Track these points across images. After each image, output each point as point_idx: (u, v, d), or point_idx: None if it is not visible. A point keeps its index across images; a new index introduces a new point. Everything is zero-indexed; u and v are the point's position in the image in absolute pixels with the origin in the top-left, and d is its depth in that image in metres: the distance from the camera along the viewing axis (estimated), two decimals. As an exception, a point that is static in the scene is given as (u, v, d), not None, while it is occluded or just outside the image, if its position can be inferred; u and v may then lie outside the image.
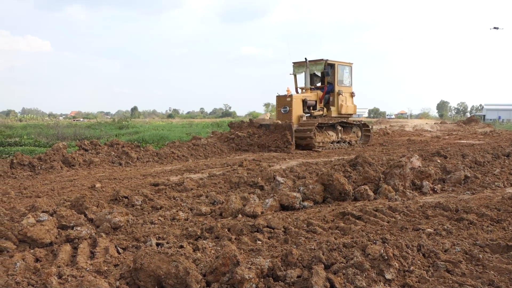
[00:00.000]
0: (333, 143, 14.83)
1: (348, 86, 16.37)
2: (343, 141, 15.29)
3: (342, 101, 15.91)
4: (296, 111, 14.72)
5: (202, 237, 4.32)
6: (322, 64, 15.47)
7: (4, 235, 4.16)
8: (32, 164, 9.67)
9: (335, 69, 15.68)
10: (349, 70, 16.37)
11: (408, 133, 22.19)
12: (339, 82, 15.91)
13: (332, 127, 15.09)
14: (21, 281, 3.09)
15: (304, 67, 15.83)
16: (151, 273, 3.08)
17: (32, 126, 35.98)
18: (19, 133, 27.95)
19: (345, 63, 16.18)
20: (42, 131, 27.37)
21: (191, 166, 9.83)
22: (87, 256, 3.85)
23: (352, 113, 16.63)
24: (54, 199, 6.29)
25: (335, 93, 15.80)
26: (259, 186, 6.52)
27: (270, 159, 10.56)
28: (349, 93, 16.41)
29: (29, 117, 67.86)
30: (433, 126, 27.23)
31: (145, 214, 5.37)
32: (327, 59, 15.42)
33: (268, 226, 4.50)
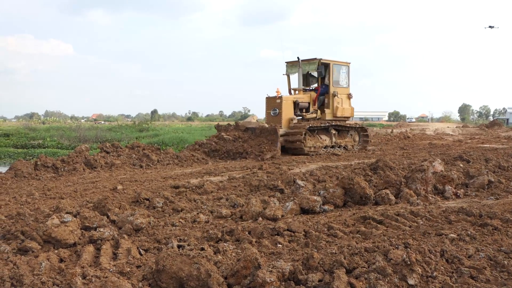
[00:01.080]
0: (327, 148, 13.90)
1: (345, 87, 15.25)
2: (337, 146, 14.35)
3: (337, 103, 14.83)
4: (286, 113, 13.78)
5: (223, 240, 4.34)
6: (315, 63, 14.45)
7: (29, 236, 4.26)
8: (55, 166, 9.85)
9: (330, 69, 14.63)
10: (346, 70, 15.31)
11: (429, 137, 21.89)
12: (335, 83, 14.83)
13: (325, 131, 14.18)
14: (47, 281, 3.15)
15: (297, 67, 14.84)
16: (173, 275, 3.11)
17: (55, 129, 36.65)
18: (42, 135, 28.52)
19: (341, 62, 15.16)
20: (65, 134, 27.87)
21: (211, 169, 9.88)
22: (110, 257, 3.90)
23: (349, 116, 15.51)
24: (77, 201, 6.40)
25: (330, 94, 14.73)
26: (279, 189, 6.52)
27: (289, 162, 10.54)
28: (346, 95, 15.28)
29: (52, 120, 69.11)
30: (455, 130, 26.81)
31: (166, 216, 5.42)
32: (321, 58, 14.40)
33: (288, 229, 4.49)
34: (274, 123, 13.47)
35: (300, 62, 14.68)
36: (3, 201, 6.74)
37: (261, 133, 12.70)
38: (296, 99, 14.20)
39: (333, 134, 14.19)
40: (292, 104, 13.99)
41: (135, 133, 30.77)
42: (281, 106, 13.72)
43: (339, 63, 15.03)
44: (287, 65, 15.31)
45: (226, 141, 12.80)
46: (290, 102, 13.96)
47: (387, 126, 37.89)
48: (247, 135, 13.01)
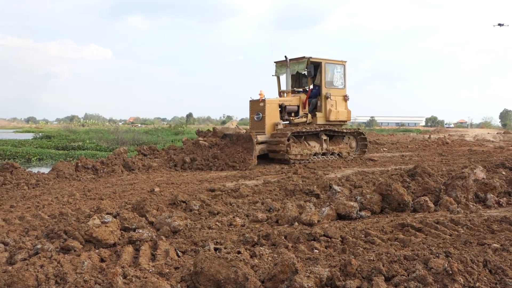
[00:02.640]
0: (317, 155, 12.68)
1: (340, 88, 13.91)
2: (330, 152, 13.06)
3: (331, 106, 13.53)
4: (270, 118, 12.57)
5: (259, 244, 4.34)
6: (304, 62, 13.20)
7: (71, 235, 4.39)
8: (95, 168, 10.13)
9: (322, 68, 13.32)
10: (341, 70, 13.94)
11: (468, 143, 21.29)
12: (327, 83, 13.51)
13: (315, 136, 12.91)
14: (89, 279, 3.24)
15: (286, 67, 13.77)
16: (210, 277, 3.14)
17: (94, 131, 37.66)
18: (82, 137, 29.36)
19: (335, 61, 13.82)
20: (103, 136, 28.58)
21: (246, 173, 9.92)
22: (148, 258, 3.97)
23: (344, 119, 14.11)
24: (116, 202, 6.54)
25: (322, 96, 13.44)
26: (315, 194, 6.49)
27: (325, 167, 10.46)
28: (342, 97, 13.91)
29: (91, 123, 71.04)
30: (496, 136, 25.97)
31: (202, 219, 5.48)
32: (310, 57, 13.11)
33: (325, 235, 4.46)
34: (258, 128, 12.55)
35: (288, 61, 13.66)
36: (46, 200, 6.98)
37: (238, 140, 11.72)
38: (282, 102, 13.13)
39: (323, 140, 12.93)
40: (277, 107, 12.90)
41: (171, 136, 31.27)
42: (264, 110, 12.57)
43: (333, 61, 13.78)
44: (276, 65, 14.23)
45: (202, 148, 11.79)
46: (275, 106, 12.87)
47: (424, 131, 37.12)
48: (224, 142, 12.01)
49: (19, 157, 17.97)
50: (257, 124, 12.66)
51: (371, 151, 15.89)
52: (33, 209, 6.32)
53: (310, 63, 13.04)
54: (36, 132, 45.23)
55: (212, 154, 11.42)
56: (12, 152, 18.89)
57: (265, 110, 12.50)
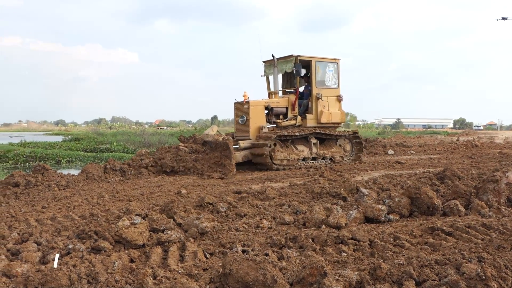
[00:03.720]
0: (306, 160, 12.02)
1: (333, 88, 13.02)
2: (321, 157, 12.40)
3: (322, 107, 12.65)
4: (254, 121, 11.82)
5: (286, 246, 4.34)
6: (291, 61, 12.37)
7: (102, 236, 4.47)
8: (123, 170, 10.29)
9: (312, 67, 12.52)
10: (334, 68, 13.06)
11: (498, 146, 20.80)
12: (319, 83, 12.67)
13: (304, 140, 12.20)
14: (120, 279, 3.30)
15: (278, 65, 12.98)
16: (239, 279, 3.15)
17: (121, 134, 38.27)
18: (110, 140, 29.87)
19: (327, 59, 12.97)
20: (130, 139, 29.04)
21: (272, 175, 9.92)
22: (177, 259, 4.01)
23: (338, 121, 13.17)
24: (144, 203, 6.63)
25: (313, 97, 12.64)
26: (342, 197, 6.44)
27: (351, 170, 10.37)
28: (335, 97, 13.03)
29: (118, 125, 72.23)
30: (528, 138, 25.30)
31: (229, 221, 5.50)
32: (299, 55, 12.32)
33: (353, 238, 4.42)
34: (242, 132, 11.98)
35: (275, 61, 12.91)
36: (76, 202, 7.13)
37: (216, 147, 11.01)
38: (268, 103, 12.34)
39: (313, 143, 12.26)
40: (262, 109, 12.16)
41: (196, 139, 31.46)
42: (248, 113, 11.86)
43: (324, 60, 12.92)
44: (265, 64, 13.48)
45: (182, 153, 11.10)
46: (261, 108, 12.11)
47: (452, 134, 36.43)
48: (204, 149, 11.31)
49: (50, 159, 18.39)
50: (242, 128, 12.06)
51: (398, 154, 15.70)
52: (64, 210, 6.46)
53: (299, 61, 12.28)
54: (65, 134, 46.29)
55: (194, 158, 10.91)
56: (43, 154, 19.35)
57: (249, 112, 11.82)
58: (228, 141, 10.58)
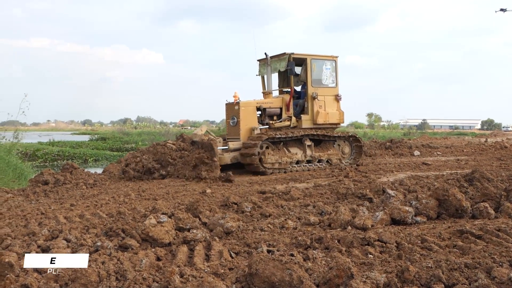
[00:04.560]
0: (299, 163, 11.41)
1: (330, 87, 12.41)
2: (316, 160, 11.76)
3: (319, 107, 12.07)
4: (245, 122, 11.35)
5: (312, 247, 4.32)
6: (285, 60, 11.82)
7: (129, 234, 4.53)
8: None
9: (307, 65, 11.90)
10: (331, 66, 12.43)
11: (529, 147, 20.25)
12: (314, 82, 12.07)
13: (298, 142, 11.58)
14: (147, 277, 3.34)
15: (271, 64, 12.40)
16: (265, 279, 3.15)
17: (146, 133, 38.76)
18: (135, 139, 30.29)
19: (323, 56, 12.34)
20: (155, 138, 29.36)
21: (296, 176, 9.90)
22: (203, 258, 4.04)
23: (336, 122, 12.51)
24: (169, 202, 6.70)
25: (308, 96, 12.04)
26: (367, 198, 6.38)
27: (376, 171, 10.26)
28: (333, 96, 12.42)
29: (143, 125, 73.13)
30: (560, 140, 24.57)
31: (254, 220, 5.51)
32: (292, 53, 11.72)
33: (379, 239, 4.37)
34: (233, 134, 11.53)
35: (268, 59, 12.33)
36: (103, 200, 7.25)
37: (202, 148, 10.30)
38: (260, 104, 11.75)
39: (307, 146, 11.60)
40: (254, 110, 11.63)
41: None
42: (239, 114, 11.38)
43: (321, 57, 12.30)
44: (260, 63, 12.87)
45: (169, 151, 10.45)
46: (252, 109, 11.60)
47: (480, 135, 35.69)
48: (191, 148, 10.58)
49: (77, 158, 18.78)
50: (233, 130, 11.61)
51: (424, 155, 15.46)
52: (92, 208, 6.58)
53: (292, 60, 11.74)
54: (92, 134, 47.15)
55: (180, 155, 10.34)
56: (71, 153, 19.76)
57: (240, 113, 11.35)
58: (212, 141, 10.04)
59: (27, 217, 5.95)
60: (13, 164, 11.67)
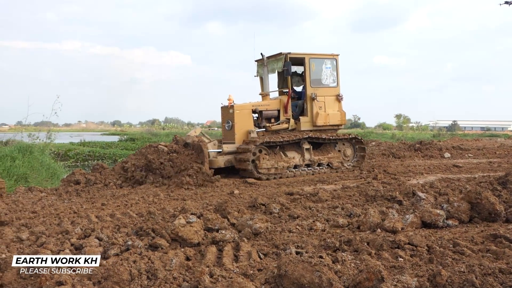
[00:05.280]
0: (298, 167, 10.86)
1: (331, 87, 11.83)
2: (316, 163, 11.16)
3: (318, 108, 11.50)
4: (240, 126, 10.84)
5: (340, 249, 4.29)
6: (281, 59, 11.30)
7: (159, 233, 4.59)
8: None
9: (306, 64, 11.40)
10: (331, 65, 11.84)
11: None
12: (314, 82, 11.51)
13: (295, 145, 11.04)
14: (177, 276, 3.38)
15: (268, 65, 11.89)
16: (294, 280, 3.15)
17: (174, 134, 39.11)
18: (163, 140, 30.62)
19: (323, 55, 11.76)
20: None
21: (324, 177, 9.84)
22: (231, 258, 4.06)
23: (338, 123, 11.89)
24: (198, 203, 6.76)
25: (307, 97, 11.49)
26: (397, 201, 6.29)
27: (406, 173, 10.11)
28: (334, 97, 11.85)
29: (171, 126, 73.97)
30: None
31: (282, 222, 5.51)
32: (289, 52, 11.17)
33: (409, 243, 4.31)
34: (229, 138, 11.04)
35: (265, 59, 11.84)
36: (133, 200, 7.37)
37: (193, 150, 9.89)
38: (256, 107, 11.20)
39: (305, 149, 11.04)
40: (249, 113, 11.12)
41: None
42: (233, 117, 10.91)
43: (320, 56, 11.71)
44: (257, 64, 12.31)
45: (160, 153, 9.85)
46: (247, 112, 11.07)
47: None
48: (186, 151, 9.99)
49: (107, 158, 19.14)
50: (228, 134, 11.13)
51: (455, 157, 15.14)
52: (122, 207, 6.70)
53: (289, 59, 11.17)
54: (121, 134, 47.95)
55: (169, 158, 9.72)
56: (101, 153, 20.16)
57: (234, 117, 10.87)
58: (202, 143, 9.64)
59: (60, 215, 6.12)
60: (46, 164, 11.99)
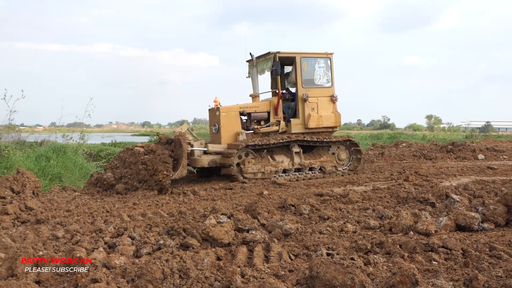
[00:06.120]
0: (287, 172, 10.32)
1: (325, 87, 11.20)
2: (307, 168, 10.59)
3: (311, 110, 10.88)
4: (227, 128, 10.44)
5: (372, 252, 4.23)
6: (270, 59, 10.83)
7: (190, 233, 4.63)
8: (206, 170, 10.58)
9: (297, 64, 10.84)
10: (325, 64, 11.20)
11: None
12: (306, 82, 10.94)
13: (285, 149, 10.51)
14: (209, 276, 3.40)
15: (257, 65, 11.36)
16: (326, 282, 3.13)
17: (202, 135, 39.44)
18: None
19: (316, 54, 11.17)
20: (211, 140, 29.78)
21: (353, 178, 9.74)
22: (262, 259, 4.06)
23: (332, 125, 11.22)
24: (228, 203, 6.79)
25: (298, 98, 10.92)
26: (430, 203, 6.17)
27: (438, 175, 9.90)
28: (328, 98, 11.19)
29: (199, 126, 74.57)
30: None
31: (312, 223, 5.48)
32: (278, 52, 10.69)
33: (443, 246, 4.22)
34: (215, 142, 10.55)
35: (254, 60, 11.28)
36: (163, 199, 7.47)
37: (175, 147, 9.22)
38: (243, 109, 10.71)
39: (295, 152, 10.46)
40: (237, 116, 10.65)
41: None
42: (219, 120, 10.48)
43: (312, 55, 11.14)
44: (249, 65, 11.64)
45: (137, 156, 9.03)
46: (234, 114, 10.61)
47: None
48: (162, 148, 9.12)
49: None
50: (215, 137, 10.70)
51: (489, 159, 14.76)
52: (153, 207, 6.79)
53: (278, 59, 10.65)
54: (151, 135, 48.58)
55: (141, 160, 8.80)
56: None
57: (220, 119, 10.45)
58: (181, 137, 9.08)
59: (94, 214, 6.24)
60: (79, 164, 12.26)
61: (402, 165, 12.48)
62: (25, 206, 6.43)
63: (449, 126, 68.15)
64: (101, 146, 25.22)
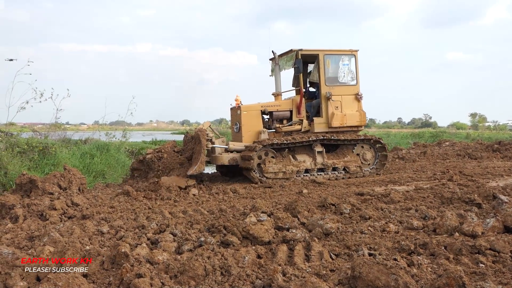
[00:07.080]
0: (309, 172, 10.04)
1: (350, 85, 10.87)
2: (330, 168, 10.21)
3: (334, 108, 10.57)
4: (248, 127, 10.28)
5: (416, 253, 4.14)
6: (292, 57, 10.56)
7: (230, 231, 4.66)
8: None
9: (320, 61, 10.52)
10: (349, 62, 10.89)
11: None
12: (329, 80, 10.63)
13: (307, 148, 10.24)
14: (250, 273, 3.42)
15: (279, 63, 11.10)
16: (369, 282, 3.08)
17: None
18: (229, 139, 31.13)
19: (340, 51, 10.83)
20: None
21: (395, 178, 9.56)
22: (303, 258, 4.04)
23: (356, 124, 10.84)
24: (267, 201, 6.80)
25: (322, 96, 10.58)
26: (476, 204, 5.97)
27: (484, 175, 9.57)
28: (352, 96, 10.87)
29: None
30: None
31: (353, 223, 5.40)
32: (300, 49, 10.37)
33: (491, 248, 4.07)
34: (237, 141, 10.44)
35: (276, 58, 11.05)
36: (203, 197, 7.58)
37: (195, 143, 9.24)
38: (265, 107, 10.54)
39: (317, 152, 10.15)
40: (258, 114, 10.46)
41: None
42: (240, 119, 10.36)
43: (336, 52, 10.79)
44: (272, 63, 11.48)
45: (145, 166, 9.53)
46: (255, 113, 10.43)
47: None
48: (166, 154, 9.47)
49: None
50: (236, 136, 10.61)
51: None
52: (193, 205, 6.89)
53: (300, 56, 10.35)
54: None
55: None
56: (171, 151, 20.76)
57: (241, 118, 10.32)
58: (201, 133, 8.95)
59: (136, 211, 6.39)
60: (121, 161, 12.59)
61: (446, 165, 12.14)
62: (71, 202, 6.65)
63: (494, 125, 65.74)
64: (142, 144, 25.77)
